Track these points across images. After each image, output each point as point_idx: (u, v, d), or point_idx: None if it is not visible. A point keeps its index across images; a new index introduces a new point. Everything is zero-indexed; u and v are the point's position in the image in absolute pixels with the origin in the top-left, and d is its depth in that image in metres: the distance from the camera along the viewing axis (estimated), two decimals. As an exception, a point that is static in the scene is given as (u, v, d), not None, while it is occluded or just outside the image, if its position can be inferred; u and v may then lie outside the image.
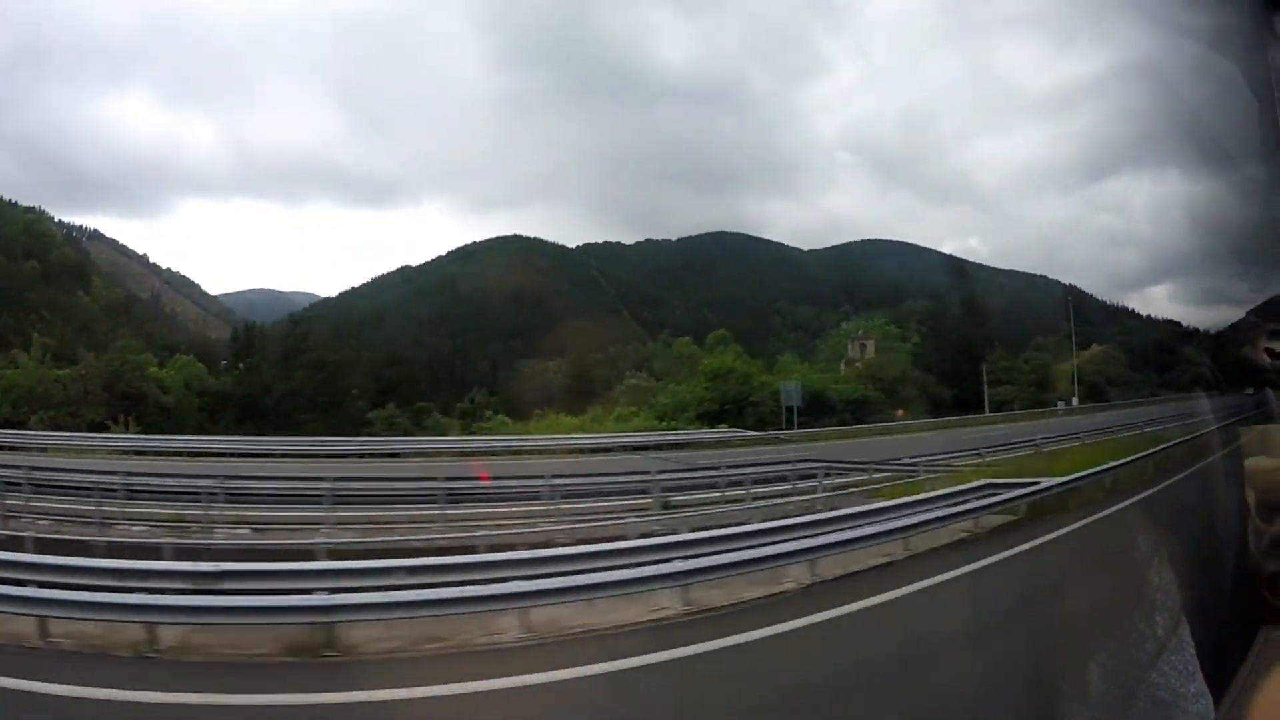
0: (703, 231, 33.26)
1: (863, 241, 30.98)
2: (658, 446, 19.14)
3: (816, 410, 22.62)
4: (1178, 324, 24.16)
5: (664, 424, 21.86)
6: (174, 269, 30.41)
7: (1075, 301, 25.54)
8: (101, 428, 18.00)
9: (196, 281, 30.63)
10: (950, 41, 32.94)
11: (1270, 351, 4.24)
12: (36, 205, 25.96)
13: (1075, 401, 23.99)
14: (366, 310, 29.57)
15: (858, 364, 26.43)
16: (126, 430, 17.97)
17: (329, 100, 34.83)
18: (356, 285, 30.94)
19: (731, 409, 22.21)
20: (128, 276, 28.79)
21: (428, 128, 31.61)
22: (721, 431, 20.95)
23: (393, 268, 31.45)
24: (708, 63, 33.18)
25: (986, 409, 23.96)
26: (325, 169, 34.37)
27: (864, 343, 27.36)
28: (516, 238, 30.84)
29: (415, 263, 31.37)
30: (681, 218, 35.34)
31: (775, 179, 32.70)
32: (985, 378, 24.50)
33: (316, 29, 33.50)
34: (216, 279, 42.29)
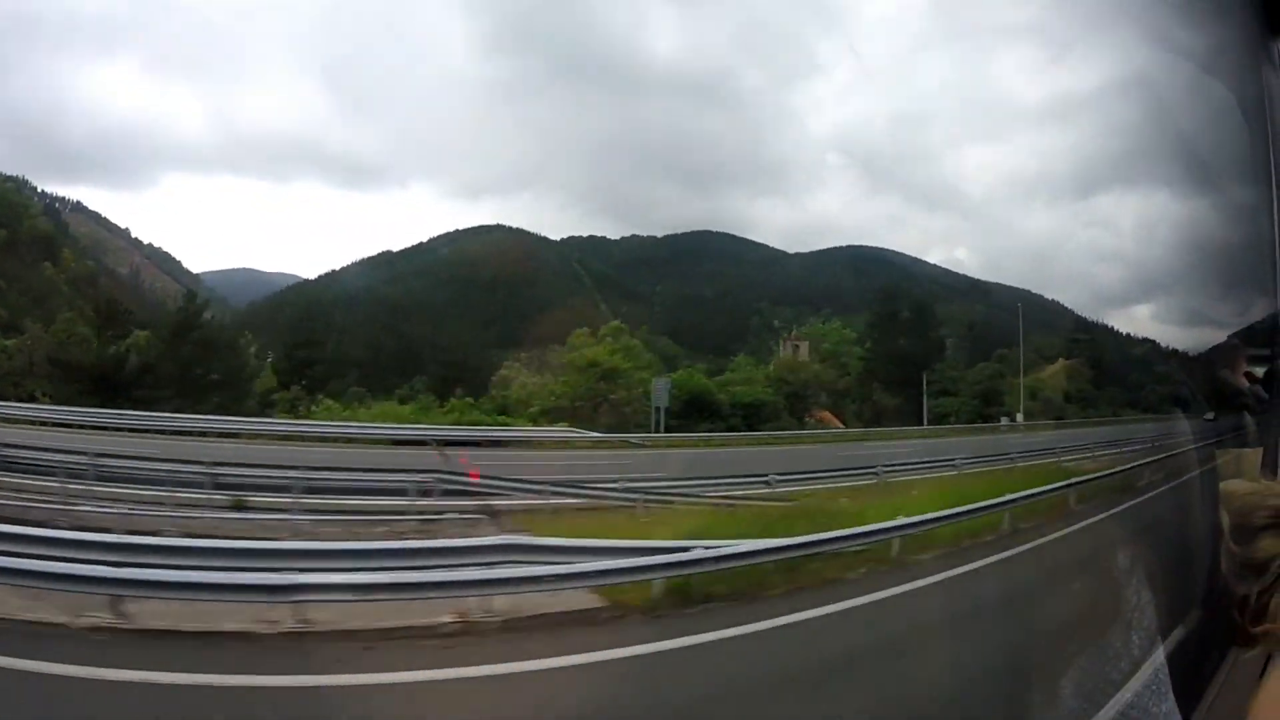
0: (689, 229, 32.99)
1: (849, 247, 31.05)
2: (474, 443, 17.50)
3: (700, 413, 20.47)
4: (1154, 343, 24.08)
5: (493, 419, 19.80)
6: (156, 244, 29.41)
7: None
8: (32, 399, 17.36)
9: (179, 258, 29.58)
10: (944, 47, 33.07)
11: (1250, 376, 4.27)
12: (19, 175, 24.59)
13: (1019, 418, 23.00)
14: (340, 293, 28.90)
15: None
16: (51, 402, 17.42)
17: (317, 80, 33.71)
18: (337, 268, 30.24)
19: (584, 406, 20.31)
20: (108, 251, 27.73)
21: (416, 112, 30.85)
22: (559, 430, 19.00)
23: (375, 251, 30.80)
24: (699, 57, 32.97)
25: (925, 421, 22.77)
26: (312, 149, 33.47)
27: (796, 343, 25.56)
28: (499, 227, 30.39)
29: (397, 247, 30.73)
30: (668, 214, 35.10)
31: (763, 178, 32.62)
32: (926, 388, 23.39)
33: (306, 7, 32.57)
34: (199, 257, 40.96)
